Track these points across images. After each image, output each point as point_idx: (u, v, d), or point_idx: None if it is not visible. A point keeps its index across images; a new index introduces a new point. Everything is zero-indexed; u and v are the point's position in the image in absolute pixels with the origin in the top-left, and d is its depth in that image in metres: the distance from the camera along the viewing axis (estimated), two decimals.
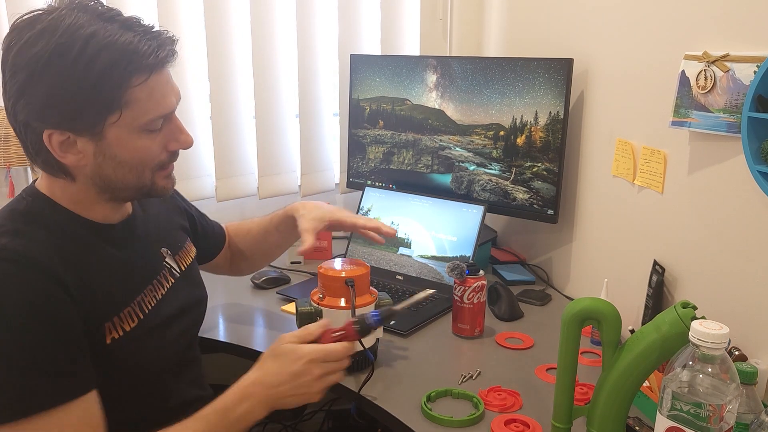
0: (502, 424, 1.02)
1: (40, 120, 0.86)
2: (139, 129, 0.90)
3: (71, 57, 0.82)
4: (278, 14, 1.86)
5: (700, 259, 1.14)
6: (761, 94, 0.95)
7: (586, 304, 0.92)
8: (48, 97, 0.84)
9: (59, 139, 0.87)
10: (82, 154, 0.89)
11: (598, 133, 1.47)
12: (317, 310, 1.14)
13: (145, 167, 0.94)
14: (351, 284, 1.13)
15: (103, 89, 0.85)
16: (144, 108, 0.89)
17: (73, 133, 0.87)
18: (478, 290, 1.32)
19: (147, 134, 0.91)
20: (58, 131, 0.86)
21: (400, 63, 1.79)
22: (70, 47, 0.82)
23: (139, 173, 0.94)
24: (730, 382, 0.76)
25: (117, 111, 0.87)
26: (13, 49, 0.85)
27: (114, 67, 0.84)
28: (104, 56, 0.83)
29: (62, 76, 0.83)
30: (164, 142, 0.95)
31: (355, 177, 1.93)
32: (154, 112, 0.90)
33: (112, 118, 0.87)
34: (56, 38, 0.82)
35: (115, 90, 0.85)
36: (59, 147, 0.88)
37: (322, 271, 1.16)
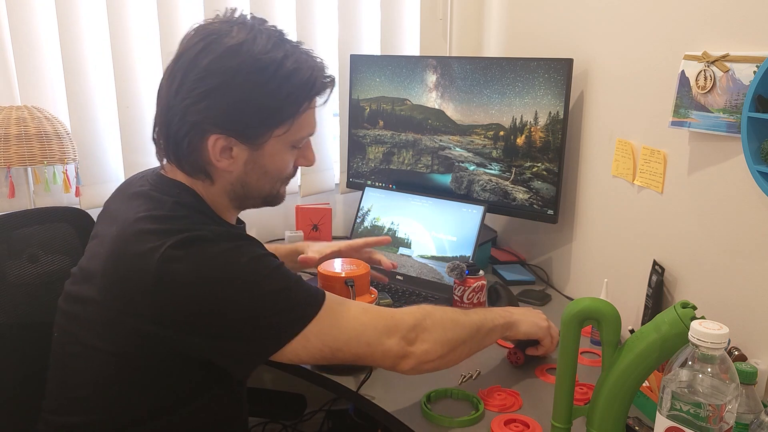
0: (501, 424, 1.02)
1: (216, 125, 0.91)
2: (291, 144, 0.98)
3: (268, 74, 0.90)
4: (278, 14, 1.86)
5: (699, 259, 1.14)
6: (761, 94, 0.95)
7: (586, 304, 0.92)
8: (234, 107, 0.90)
9: (222, 145, 0.92)
10: (234, 160, 0.95)
11: (598, 133, 1.48)
12: None
13: (279, 179, 1.01)
14: (351, 284, 1.14)
15: (287, 107, 0.93)
16: (303, 127, 0.97)
17: (238, 140, 0.93)
18: (478, 290, 1.32)
19: (292, 150, 0.99)
20: (224, 137, 0.91)
21: (400, 63, 1.79)
22: (267, 64, 0.90)
23: (273, 184, 1.01)
24: (730, 382, 0.76)
25: (286, 126, 0.94)
26: (208, 54, 0.89)
27: (302, 86, 0.93)
28: (297, 75, 0.92)
29: (254, 90, 0.90)
30: (296, 158, 1.02)
31: (355, 177, 1.93)
32: (307, 131, 0.99)
33: (279, 132, 0.94)
34: (255, 52, 0.89)
35: (297, 107, 0.94)
36: (219, 152, 0.93)
37: (322, 272, 1.16)
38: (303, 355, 0.92)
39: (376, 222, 1.70)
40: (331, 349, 0.93)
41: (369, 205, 1.73)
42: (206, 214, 0.96)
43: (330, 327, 0.93)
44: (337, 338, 0.93)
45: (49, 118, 1.61)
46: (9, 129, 1.57)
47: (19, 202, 1.67)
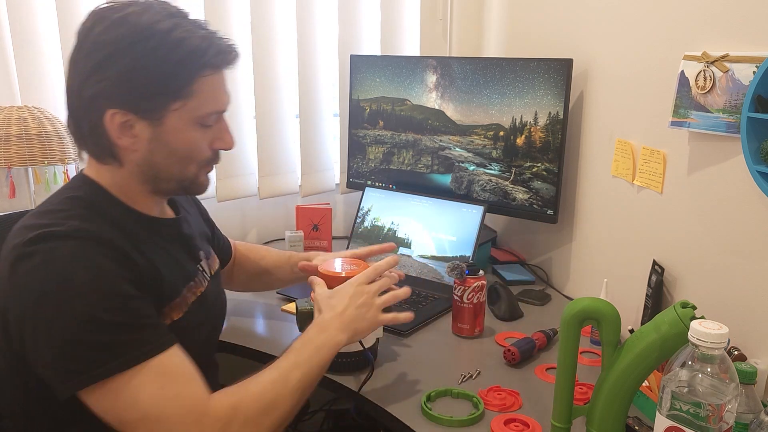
0: (501, 423, 1.02)
1: (108, 98, 0.90)
2: (195, 121, 0.95)
3: (155, 41, 0.88)
4: (278, 14, 1.86)
5: (699, 259, 1.14)
6: (760, 95, 0.95)
7: (586, 304, 0.92)
8: (123, 76, 0.89)
9: (120, 120, 0.91)
10: (137, 138, 0.93)
11: (598, 133, 1.48)
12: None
13: (192, 161, 0.98)
14: None
15: (177, 76, 0.90)
16: (204, 101, 0.94)
17: (135, 115, 0.91)
18: (477, 290, 1.32)
19: (200, 128, 0.96)
20: (122, 112, 0.90)
21: (400, 63, 1.80)
22: (155, 32, 0.88)
23: (184, 165, 0.98)
24: (730, 381, 0.76)
25: (182, 99, 0.92)
26: (94, 29, 0.89)
27: (191, 56, 0.90)
28: (185, 45, 0.90)
29: (143, 57, 0.88)
30: (211, 139, 0.99)
31: (355, 177, 1.93)
32: (212, 107, 0.96)
33: (175, 105, 0.92)
34: (140, 25, 0.88)
35: (186, 78, 0.91)
36: (118, 128, 0.91)
37: (322, 271, 1.16)
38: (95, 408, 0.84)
39: (376, 222, 1.70)
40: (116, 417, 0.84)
41: (369, 205, 1.73)
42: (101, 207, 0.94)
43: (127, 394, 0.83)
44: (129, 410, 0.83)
45: (49, 118, 1.61)
46: (9, 129, 1.57)
47: (20, 202, 1.67)
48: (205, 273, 1.11)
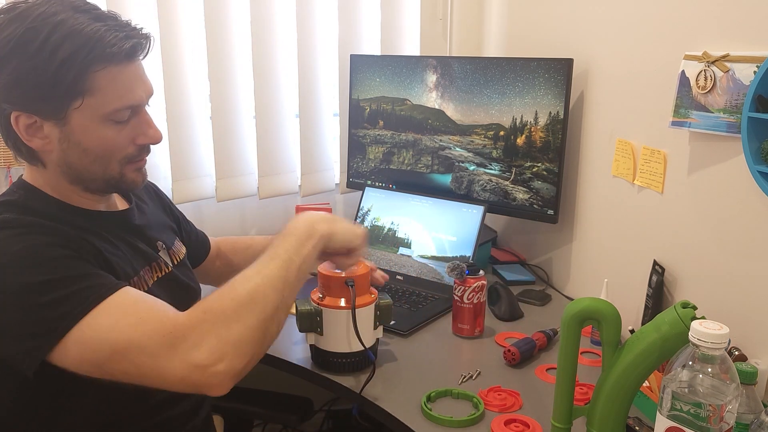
0: (502, 424, 1.02)
1: (7, 101, 0.89)
2: (103, 118, 0.92)
3: (37, 42, 0.86)
4: (278, 14, 1.85)
5: (700, 259, 1.14)
6: (761, 94, 0.95)
7: (586, 304, 0.92)
8: (15, 79, 0.88)
9: (26, 122, 0.90)
10: (48, 139, 0.92)
11: (598, 133, 1.47)
12: (317, 310, 1.14)
13: (112, 158, 0.95)
14: (351, 284, 1.13)
15: (65, 74, 0.87)
16: (108, 97, 0.91)
17: (39, 117, 0.90)
18: (478, 290, 1.32)
19: (112, 125, 0.93)
20: (25, 114, 0.90)
21: (400, 63, 1.79)
22: (37, 33, 0.86)
23: (105, 164, 0.95)
24: (730, 382, 0.76)
25: (79, 97, 0.89)
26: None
27: (77, 53, 0.87)
28: (68, 42, 0.86)
29: (28, 60, 0.86)
30: (132, 135, 0.96)
31: (355, 177, 1.93)
32: (119, 102, 0.92)
33: (75, 104, 0.90)
34: (26, 24, 0.86)
35: (77, 75, 0.88)
36: (26, 130, 0.91)
37: (322, 271, 1.16)
38: (66, 363, 0.83)
39: (376, 222, 1.70)
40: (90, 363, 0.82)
41: (369, 205, 1.73)
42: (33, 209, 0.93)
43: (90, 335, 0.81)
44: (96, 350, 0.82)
45: None
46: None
47: None
48: (166, 263, 1.10)
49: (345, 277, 1.13)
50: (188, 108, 1.82)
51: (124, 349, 0.82)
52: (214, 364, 0.81)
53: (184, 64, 1.79)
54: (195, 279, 1.21)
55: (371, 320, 1.17)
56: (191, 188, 1.88)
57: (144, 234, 1.09)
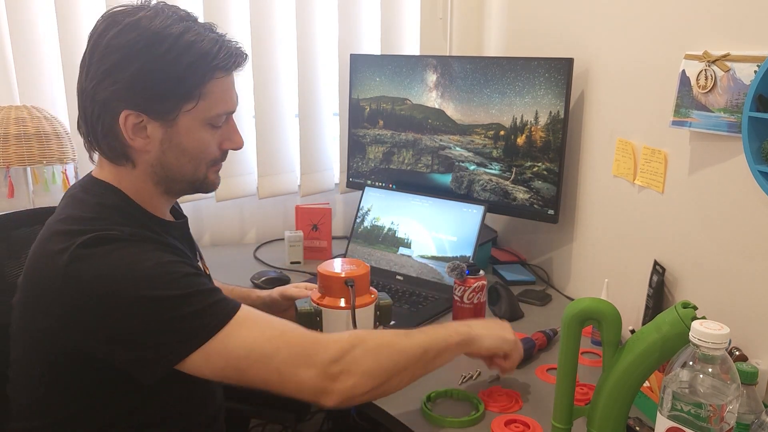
0: (502, 424, 1.02)
1: (122, 100, 0.91)
2: (205, 121, 0.97)
3: (167, 44, 0.90)
4: (278, 14, 1.85)
5: (700, 259, 1.13)
6: (762, 94, 0.95)
7: (587, 304, 0.92)
8: (136, 79, 0.90)
9: (134, 121, 0.93)
10: (149, 139, 0.95)
11: (599, 132, 1.47)
12: (317, 310, 1.14)
13: (202, 161, 1.00)
14: (351, 285, 1.13)
15: (188, 79, 0.93)
16: (215, 102, 0.97)
17: (148, 116, 0.93)
18: (478, 290, 1.31)
19: (210, 129, 0.99)
20: (135, 113, 0.92)
21: (400, 63, 1.79)
22: (166, 36, 0.91)
23: (196, 165, 1.00)
24: (731, 382, 0.76)
25: (193, 100, 0.94)
26: (108, 32, 0.91)
27: (201, 60, 0.93)
28: (194, 50, 0.92)
29: (154, 62, 0.90)
30: (220, 140, 1.02)
31: (355, 177, 1.92)
32: (222, 108, 0.99)
33: (187, 106, 0.94)
34: (154, 25, 0.91)
35: (198, 80, 0.94)
36: (132, 129, 0.93)
37: (322, 272, 1.16)
38: (205, 371, 0.88)
39: (376, 222, 1.70)
40: (234, 369, 0.88)
41: (369, 205, 1.73)
42: (129, 213, 0.96)
43: (235, 345, 0.88)
44: (242, 358, 0.88)
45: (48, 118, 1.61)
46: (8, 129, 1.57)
47: (19, 202, 1.67)
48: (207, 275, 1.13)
49: (345, 277, 1.13)
50: None
51: (268, 358, 0.88)
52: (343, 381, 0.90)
53: None
54: None
55: (371, 320, 1.17)
56: None
57: (195, 246, 1.14)
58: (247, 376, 0.89)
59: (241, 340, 0.88)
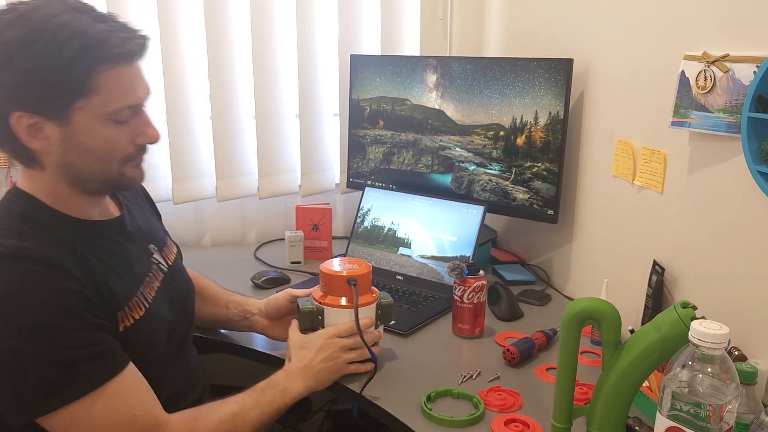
0: (502, 424, 1.02)
1: (9, 101, 0.89)
2: (105, 117, 0.93)
3: (44, 42, 0.86)
4: (278, 14, 1.86)
5: (700, 260, 1.14)
6: (761, 94, 0.95)
7: (586, 304, 0.92)
8: (19, 80, 0.88)
9: (27, 123, 0.90)
10: (49, 139, 0.92)
11: (598, 133, 1.47)
12: (319, 309, 1.15)
13: (112, 158, 0.96)
14: (353, 283, 1.13)
15: (72, 73, 0.88)
16: (111, 97, 0.92)
17: (41, 117, 0.90)
18: (478, 290, 1.32)
19: (114, 124, 0.94)
20: (27, 114, 0.89)
21: (400, 63, 1.79)
22: (43, 33, 0.87)
23: (105, 164, 0.96)
24: (730, 382, 0.76)
25: (84, 96, 0.90)
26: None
27: (83, 53, 0.88)
28: (75, 42, 0.87)
29: (34, 59, 0.87)
30: (132, 135, 0.97)
31: (355, 177, 1.93)
32: (121, 102, 0.93)
33: (78, 103, 0.90)
34: (31, 24, 0.87)
35: (83, 75, 0.89)
36: (27, 131, 0.90)
37: (325, 270, 1.16)
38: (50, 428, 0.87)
39: (376, 222, 1.70)
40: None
41: (369, 205, 1.73)
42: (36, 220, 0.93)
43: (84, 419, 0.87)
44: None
45: None
46: None
47: None
48: (160, 265, 1.11)
49: (347, 276, 1.13)
50: (188, 108, 1.82)
51: None
52: None
53: (184, 64, 1.79)
54: (188, 278, 1.22)
55: (373, 319, 1.18)
56: (191, 188, 1.88)
57: (138, 240, 1.09)
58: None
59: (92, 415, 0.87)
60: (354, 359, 1.14)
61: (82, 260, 0.92)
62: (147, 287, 1.04)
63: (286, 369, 1.10)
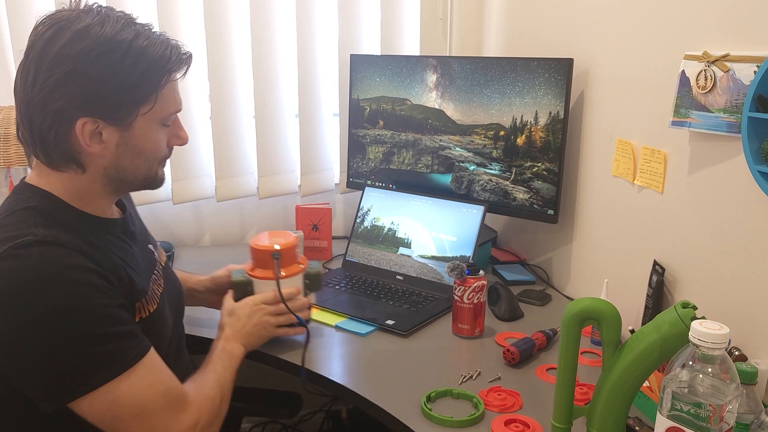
0: (502, 424, 1.02)
1: (80, 108, 0.91)
2: (159, 122, 0.99)
3: (121, 51, 0.91)
4: (278, 14, 1.86)
5: (700, 259, 1.14)
6: (761, 94, 0.95)
7: (586, 304, 0.92)
8: (93, 88, 0.91)
9: (91, 128, 0.93)
10: (105, 144, 0.95)
11: (598, 133, 1.47)
12: (248, 280, 1.25)
13: (155, 160, 1.03)
14: (276, 257, 1.23)
15: (144, 84, 0.94)
16: (168, 103, 0.99)
17: (105, 122, 0.93)
18: (478, 290, 1.32)
19: (162, 128, 1.01)
20: (92, 120, 0.92)
21: (400, 63, 1.79)
22: (119, 42, 0.91)
23: (150, 164, 1.02)
24: (730, 382, 0.76)
25: (150, 103, 0.96)
26: (56, 41, 0.89)
27: (156, 63, 0.94)
28: (149, 53, 0.93)
29: (110, 68, 0.91)
30: (169, 137, 1.04)
31: (355, 177, 1.93)
32: (174, 107, 1.01)
33: (144, 109, 0.96)
34: (105, 32, 0.91)
35: (155, 84, 0.95)
36: (89, 136, 0.93)
37: (253, 245, 1.26)
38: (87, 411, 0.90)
39: (376, 222, 1.70)
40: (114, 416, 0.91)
41: (369, 205, 1.73)
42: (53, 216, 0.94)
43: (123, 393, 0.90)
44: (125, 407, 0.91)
45: None
46: (9, 129, 1.57)
47: None
48: (159, 264, 1.14)
49: (271, 250, 1.23)
50: (188, 108, 1.82)
51: (147, 414, 0.93)
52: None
53: None
54: (177, 278, 1.25)
55: (301, 289, 1.27)
56: (191, 188, 1.88)
57: (140, 240, 1.12)
58: (121, 424, 0.92)
59: (131, 389, 0.91)
60: (282, 323, 1.23)
61: (102, 252, 0.95)
62: (154, 284, 1.07)
63: (223, 337, 1.17)
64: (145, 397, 0.92)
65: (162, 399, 0.94)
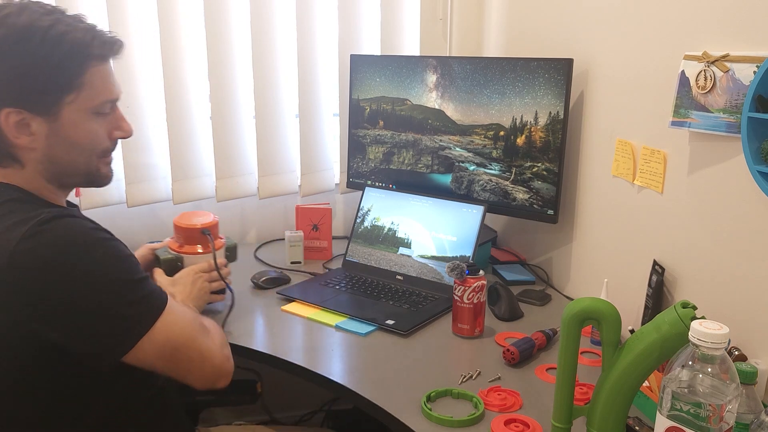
0: (502, 424, 1.02)
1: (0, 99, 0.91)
2: (91, 111, 0.98)
3: (38, 38, 0.90)
4: (278, 14, 1.86)
5: (700, 259, 1.14)
6: (761, 94, 0.95)
7: (586, 304, 0.92)
8: (11, 76, 0.90)
9: (15, 119, 0.92)
10: (35, 135, 0.95)
11: (598, 133, 1.47)
12: (178, 257, 1.36)
13: (93, 152, 1.01)
14: (208, 233, 1.36)
15: (64, 70, 0.93)
16: (97, 91, 0.98)
17: (30, 113, 0.93)
18: (478, 290, 1.32)
19: (96, 117, 0.99)
20: (15, 110, 0.92)
21: (400, 63, 1.79)
22: (36, 29, 0.90)
23: (87, 157, 1.01)
24: (730, 382, 0.76)
25: (75, 91, 0.95)
26: None
27: (74, 51, 0.93)
28: (68, 38, 0.92)
29: (28, 56, 0.90)
30: (109, 129, 1.03)
31: (355, 177, 1.93)
32: (105, 95, 0.99)
33: (69, 98, 0.95)
34: (22, 21, 0.90)
35: (75, 70, 0.94)
36: (15, 127, 0.93)
37: (181, 225, 1.36)
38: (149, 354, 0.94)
39: (376, 222, 1.70)
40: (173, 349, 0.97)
41: (369, 205, 1.73)
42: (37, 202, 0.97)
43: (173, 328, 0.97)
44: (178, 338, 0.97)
45: None
46: None
47: None
48: None
49: (201, 227, 1.36)
50: (188, 108, 1.82)
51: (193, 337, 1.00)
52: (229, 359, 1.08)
53: (184, 64, 1.79)
54: None
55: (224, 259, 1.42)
56: (191, 188, 1.88)
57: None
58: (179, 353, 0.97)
59: (176, 317, 0.98)
60: (215, 289, 1.35)
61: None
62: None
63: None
64: (186, 323, 1.00)
65: (195, 322, 1.03)
